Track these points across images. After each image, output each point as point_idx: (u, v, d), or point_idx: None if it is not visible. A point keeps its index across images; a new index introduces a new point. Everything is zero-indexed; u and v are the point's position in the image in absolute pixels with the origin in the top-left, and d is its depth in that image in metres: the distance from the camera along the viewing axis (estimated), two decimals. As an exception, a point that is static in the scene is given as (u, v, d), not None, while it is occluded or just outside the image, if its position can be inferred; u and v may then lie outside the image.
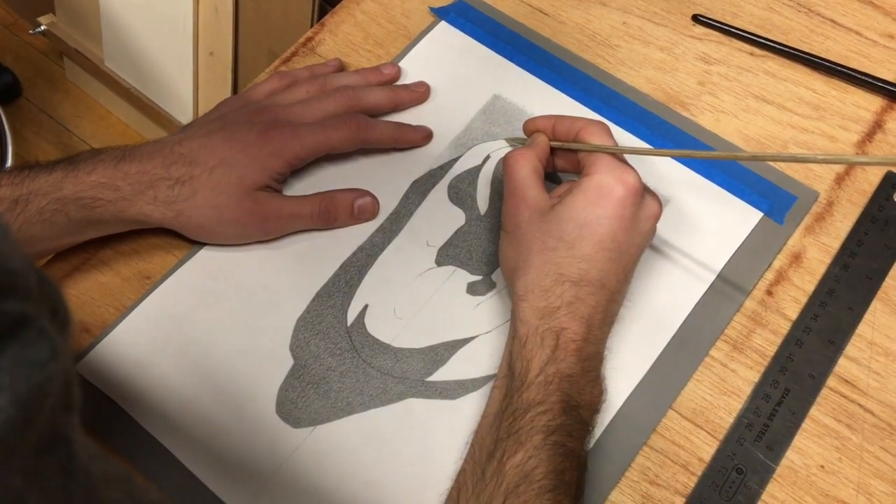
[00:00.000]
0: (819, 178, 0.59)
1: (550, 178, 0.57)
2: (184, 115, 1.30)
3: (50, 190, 0.50)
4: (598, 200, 0.48)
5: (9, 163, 1.35)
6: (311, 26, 0.74)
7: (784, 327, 0.54)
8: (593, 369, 0.47)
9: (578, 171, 0.52)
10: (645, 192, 0.50)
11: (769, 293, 0.55)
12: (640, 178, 0.49)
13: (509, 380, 0.46)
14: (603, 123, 0.52)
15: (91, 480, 0.26)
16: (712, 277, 0.55)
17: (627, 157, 0.51)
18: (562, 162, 0.54)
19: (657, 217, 0.50)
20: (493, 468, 0.43)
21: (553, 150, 0.54)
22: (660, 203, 0.50)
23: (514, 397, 0.45)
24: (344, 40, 0.65)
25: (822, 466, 0.50)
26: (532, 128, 0.55)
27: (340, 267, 0.55)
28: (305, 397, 0.51)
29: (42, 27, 1.41)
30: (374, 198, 0.57)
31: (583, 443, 0.45)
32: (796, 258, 0.56)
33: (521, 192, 0.50)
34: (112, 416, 0.50)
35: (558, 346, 0.46)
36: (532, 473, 0.42)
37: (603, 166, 0.49)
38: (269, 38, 1.14)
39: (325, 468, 0.49)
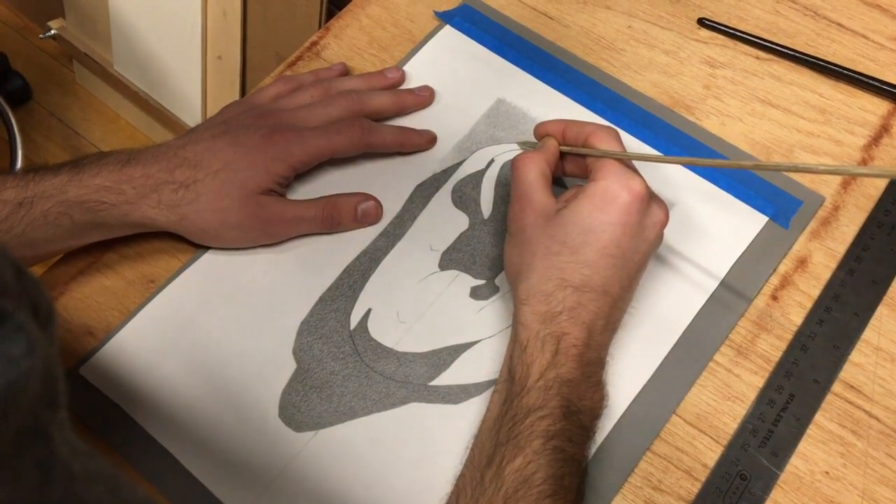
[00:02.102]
0: (825, 183, 0.59)
1: (559, 183, 0.57)
2: (192, 118, 1.30)
3: (54, 193, 0.50)
4: (603, 206, 0.48)
5: (18, 166, 1.36)
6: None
7: (789, 332, 0.53)
8: (594, 375, 0.47)
9: (587, 176, 0.51)
10: (651, 199, 0.49)
11: (774, 298, 0.55)
12: (646, 184, 0.49)
13: (509, 384, 0.46)
14: (612, 129, 0.52)
15: (70, 477, 0.26)
16: (717, 282, 0.55)
17: (635, 163, 0.51)
18: (571, 167, 0.54)
19: (663, 224, 0.50)
20: (491, 473, 0.43)
21: (563, 155, 0.54)
22: (666, 211, 0.50)
23: (514, 402, 0.45)
24: (349, 44, 0.65)
25: (827, 473, 0.49)
26: (543, 132, 0.55)
27: (344, 271, 0.55)
28: (308, 401, 0.51)
29: (52, 31, 1.42)
30: (378, 202, 0.57)
31: (583, 448, 0.45)
32: (802, 263, 0.56)
33: (528, 196, 0.50)
34: (115, 419, 0.50)
35: (559, 351, 0.45)
36: (531, 479, 0.42)
37: (609, 172, 0.49)
38: (277, 42, 1.14)
39: (328, 472, 0.49)
